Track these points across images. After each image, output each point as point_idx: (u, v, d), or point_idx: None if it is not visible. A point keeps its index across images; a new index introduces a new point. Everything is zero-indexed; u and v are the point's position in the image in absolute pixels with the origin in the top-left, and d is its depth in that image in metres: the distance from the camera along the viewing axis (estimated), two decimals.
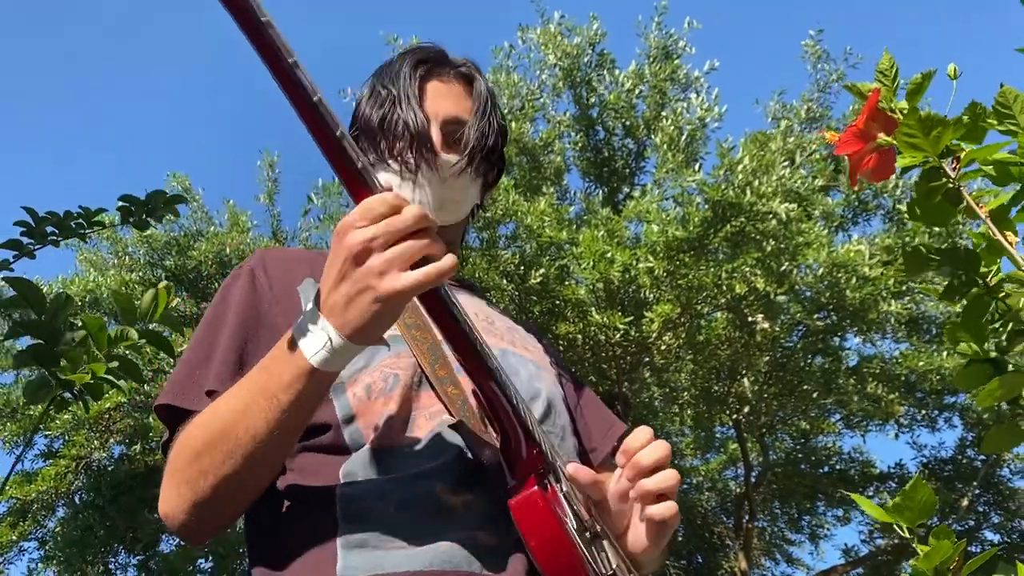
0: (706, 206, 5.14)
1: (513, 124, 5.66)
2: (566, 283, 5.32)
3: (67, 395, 1.46)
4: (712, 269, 5.30)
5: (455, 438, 0.95)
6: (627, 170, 6.60)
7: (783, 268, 5.33)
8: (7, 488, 7.11)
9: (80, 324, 1.47)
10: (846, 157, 1.25)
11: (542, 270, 5.18)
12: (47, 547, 7.84)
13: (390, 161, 1.13)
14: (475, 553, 0.91)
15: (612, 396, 6.79)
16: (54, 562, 7.66)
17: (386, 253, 0.77)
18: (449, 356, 0.98)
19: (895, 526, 1.05)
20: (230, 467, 0.85)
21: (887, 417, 7.94)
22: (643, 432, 0.95)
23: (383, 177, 1.13)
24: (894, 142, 1.16)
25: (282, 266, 1.09)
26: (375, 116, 1.14)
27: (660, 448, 0.93)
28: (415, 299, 0.86)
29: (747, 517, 8.37)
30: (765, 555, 11.03)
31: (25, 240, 2.05)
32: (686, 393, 6.83)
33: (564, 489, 0.93)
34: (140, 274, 7.81)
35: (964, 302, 1.17)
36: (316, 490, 0.94)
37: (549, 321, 5.70)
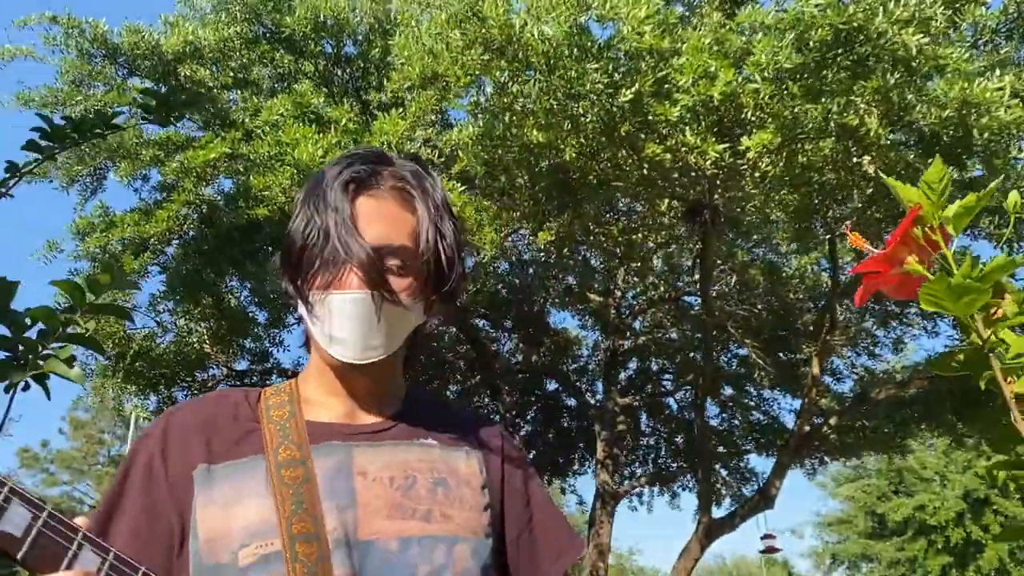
0: (828, 26, 4.54)
1: None
2: (660, 99, 4.94)
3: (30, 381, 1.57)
4: (823, 101, 4.80)
5: None
6: None
7: (907, 100, 4.77)
8: (126, 224, 7.69)
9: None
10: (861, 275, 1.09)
11: (635, 87, 4.80)
12: (168, 274, 8.56)
13: (311, 297, 1.04)
14: None
15: (701, 205, 6.56)
16: (174, 293, 8.40)
17: None
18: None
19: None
20: None
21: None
22: None
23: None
24: (926, 273, 1.01)
25: (180, 444, 1.05)
26: (299, 246, 1.06)
27: None
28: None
29: (827, 326, 8.32)
30: (850, 347, 11.07)
31: (43, 143, 2.07)
32: (780, 212, 6.54)
33: None
34: (237, 28, 7.71)
35: None
36: None
37: (635, 141, 5.38)
